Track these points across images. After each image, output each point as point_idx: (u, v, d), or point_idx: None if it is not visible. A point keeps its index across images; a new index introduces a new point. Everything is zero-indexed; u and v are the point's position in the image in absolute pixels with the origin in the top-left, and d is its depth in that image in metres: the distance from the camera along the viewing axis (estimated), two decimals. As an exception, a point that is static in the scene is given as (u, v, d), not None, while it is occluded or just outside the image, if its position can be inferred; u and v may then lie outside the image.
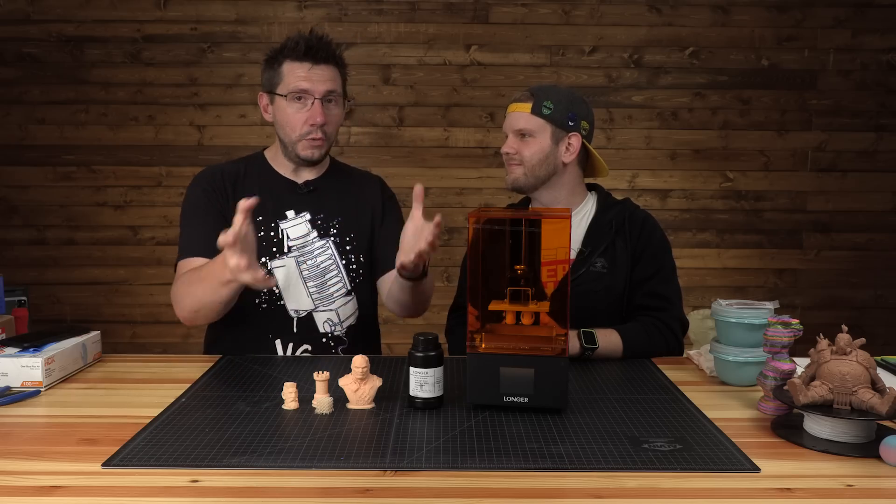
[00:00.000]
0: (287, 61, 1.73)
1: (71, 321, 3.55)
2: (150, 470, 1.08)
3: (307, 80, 1.71)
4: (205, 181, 1.80)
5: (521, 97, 1.84)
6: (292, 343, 1.76)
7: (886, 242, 3.63)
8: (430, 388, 1.32)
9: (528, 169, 1.82)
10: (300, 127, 1.73)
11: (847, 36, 3.51)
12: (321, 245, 1.79)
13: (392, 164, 3.48)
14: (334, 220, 1.82)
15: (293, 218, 1.79)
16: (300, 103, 1.72)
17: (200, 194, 1.78)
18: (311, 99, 1.72)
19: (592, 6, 3.48)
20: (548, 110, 1.80)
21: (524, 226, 1.37)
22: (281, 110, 1.75)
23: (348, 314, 1.82)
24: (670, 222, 3.55)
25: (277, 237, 1.77)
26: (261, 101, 1.81)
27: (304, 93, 1.71)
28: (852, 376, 1.17)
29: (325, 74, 1.73)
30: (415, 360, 1.32)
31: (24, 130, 3.50)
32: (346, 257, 1.81)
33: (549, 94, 1.82)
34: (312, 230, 1.79)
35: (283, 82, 1.73)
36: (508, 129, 1.85)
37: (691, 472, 1.08)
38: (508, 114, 1.86)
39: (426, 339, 1.33)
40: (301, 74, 1.71)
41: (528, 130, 1.81)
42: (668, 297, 1.79)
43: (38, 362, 1.43)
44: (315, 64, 1.72)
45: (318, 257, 1.79)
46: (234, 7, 3.46)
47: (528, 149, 1.82)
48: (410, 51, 3.50)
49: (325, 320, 1.79)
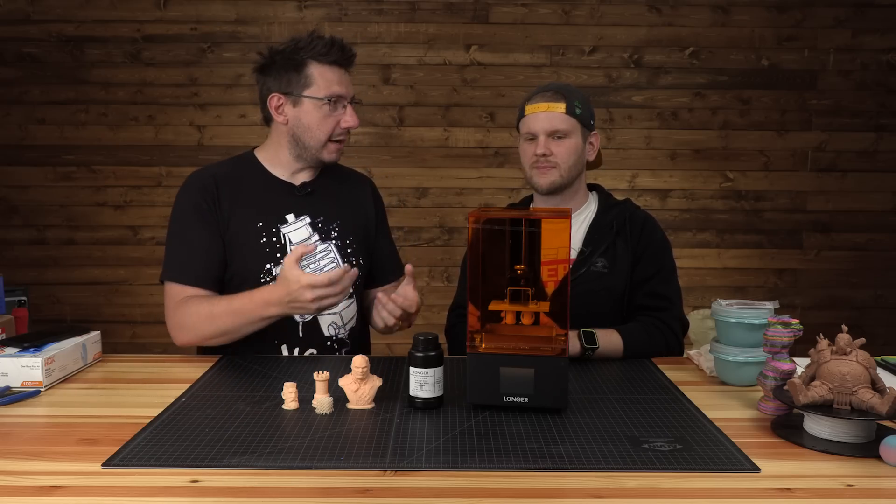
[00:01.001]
0: (314, 63, 1.70)
1: (71, 321, 3.55)
2: (150, 470, 1.08)
3: (341, 85, 1.72)
4: (196, 189, 1.73)
5: (550, 97, 1.79)
6: (298, 347, 1.76)
7: (886, 242, 3.63)
8: (431, 388, 1.32)
9: (565, 170, 1.80)
10: (331, 130, 1.72)
11: (847, 36, 3.51)
12: (324, 248, 1.78)
13: (392, 164, 3.48)
14: (334, 222, 1.81)
15: (293, 222, 1.77)
16: (332, 107, 1.71)
17: (192, 205, 1.72)
18: (344, 102, 1.72)
19: (592, 6, 3.48)
20: (579, 110, 1.79)
21: (524, 226, 1.37)
22: (308, 113, 1.71)
23: (350, 316, 1.81)
24: (670, 222, 3.55)
25: (279, 242, 1.74)
26: (272, 101, 1.74)
27: (339, 97, 1.72)
28: (852, 376, 1.17)
29: (350, 79, 1.76)
30: (415, 361, 1.32)
31: (24, 130, 3.50)
32: (348, 260, 1.80)
33: (574, 94, 1.81)
34: (314, 234, 1.78)
35: (313, 85, 1.70)
36: (538, 129, 1.78)
37: (691, 472, 1.08)
38: (536, 114, 1.79)
39: (426, 339, 1.33)
40: (335, 78, 1.71)
41: (564, 131, 1.78)
42: (669, 297, 1.79)
43: (38, 362, 1.43)
44: (344, 68, 1.74)
45: (321, 261, 1.77)
46: (234, 7, 3.46)
47: (564, 150, 1.79)
48: (410, 51, 3.50)
49: (329, 323, 1.78)
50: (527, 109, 1.82)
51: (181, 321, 1.66)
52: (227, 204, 1.73)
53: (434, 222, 3.54)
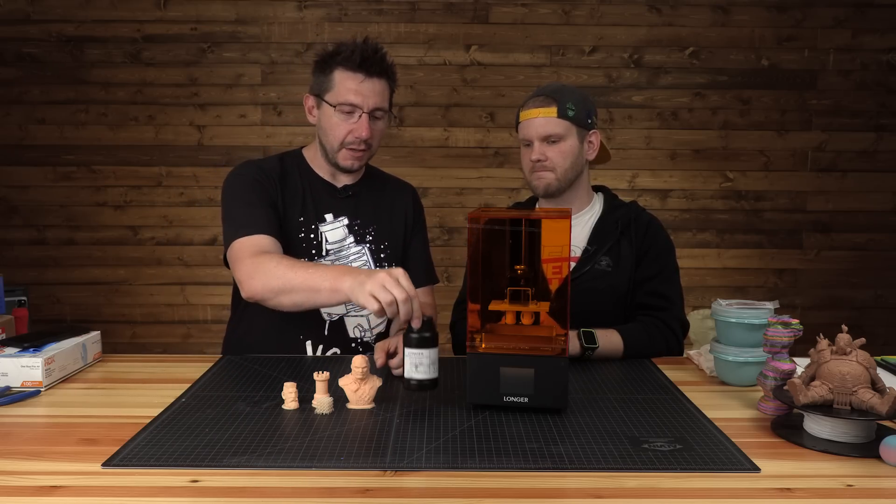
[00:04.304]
0: (339, 69, 1.70)
1: (71, 321, 3.55)
2: (150, 470, 1.08)
3: (357, 94, 1.69)
4: (252, 171, 1.74)
5: (542, 102, 1.80)
6: (322, 345, 1.76)
7: (886, 242, 3.63)
8: (426, 369, 1.30)
9: (561, 174, 1.81)
10: (342, 137, 1.72)
11: (847, 36, 3.51)
12: (357, 251, 1.79)
13: (392, 164, 3.46)
14: (370, 227, 1.82)
15: (331, 221, 1.78)
16: (347, 115, 1.70)
17: (250, 180, 1.72)
18: (360, 112, 1.70)
19: (592, 6, 3.48)
20: (572, 111, 1.79)
21: (524, 226, 1.37)
22: (327, 117, 1.72)
23: (378, 321, 1.81)
24: (670, 222, 3.55)
25: (317, 239, 1.77)
26: (306, 102, 1.78)
27: (353, 106, 1.69)
28: (852, 376, 1.17)
29: (375, 88, 1.70)
30: (409, 341, 1.30)
31: (24, 130, 3.50)
32: (380, 264, 1.81)
33: (567, 95, 1.81)
34: (349, 235, 1.79)
35: (333, 90, 1.70)
36: (532, 135, 1.80)
37: (691, 472, 1.08)
38: (529, 120, 1.81)
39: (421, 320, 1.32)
40: (352, 87, 1.69)
41: (557, 135, 1.79)
42: (670, 297, 1.79)
43: (38, 362, 1.43)
44: (368, 77, 1.69)
45: (353, 262, 1.78)
46: (234, 7, 3.46)
47: (558, 153, 1.80)
48: (410, 51, 3.50)
49: (355, 325, 1.79)
50: (521, 116, 1.84)
51: (258, 267, 1.56)
52: (278, 191, 1.75)
53: (434, 222, 3.54)
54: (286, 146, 3.38)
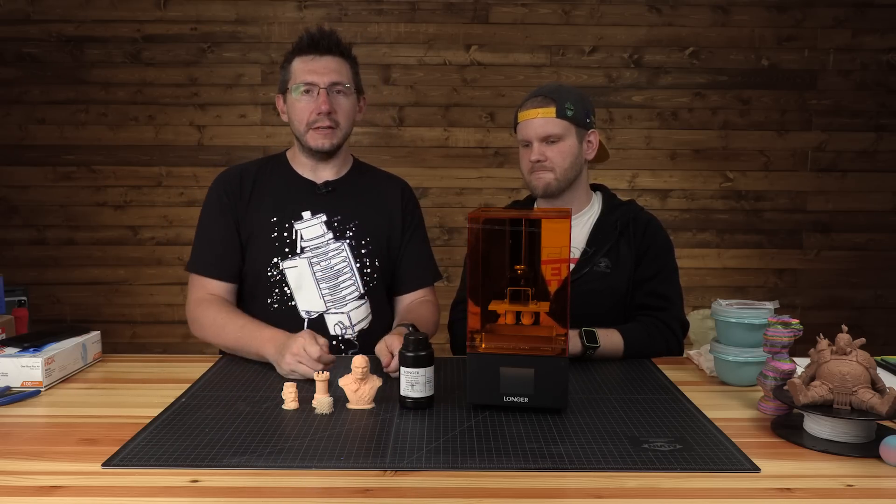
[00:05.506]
0: (295, 59, 1.77)
1: (71, 321, 3.55)
2: (150, 470, 1.08)
3: (312, 73, 1.74)
4: (222, 184, 1.82)
5: (540, 102, 1.80)
6: None
7: (886, 242, 3.63)
8: (421, 387, 1.32)
9: (560, 174, 1.81)
10: (308, 117, 1.74)
11: (847, 36, 3.51)
12: (336, 247, 1.79)
13: (392, 164, 3.46)
14: (351, 222, 1.81)
15: (309, 219, 1.79)
16: (308, 96, 1.74)
17: (216, 200, 1.80)
18: (317, 89, 1.73)
19: (592, 6, 3.48)
20: (570, 111, 1.79)
21: (524, 226, 1.37)
22: (291, 105, 1.77)
23: (360, 318, 1.80)
24: (670, 222, 3.55)
25: (291, 238, 1.77)
26: (278, 103, 1.84)
27: (310, 85, 1.74)
28: (852, 376, 1.17)
29: (329, 65, 1.75)
30: (405, 360, 1.32)
31: (24, 130, 3.50)
32: (361, 261, 1.80)
33: (566, 95, 1.80)
34: (328, 231, 1.79)
35: (292, 79, 1.76)
36: (531, 136, 1.80)
37: (691, 472, 1.08)
38: (528, 121, 1.81)
39: (416, 339, 1.32)
40: (306, 67, 1.74)
41: (556, 135, 1.79)
42: (669, 297, 1.79)
43: (38, 362, 1.43)
44: (319, 55, 1.75)
45: (332, 259, 1.78)
46: (234, 7, 3.46)
47: (558, 153, 1.80)
48: (410, 51, 3.50)
49: (335, 323, 1.78)
50: (519, 117, 1.84)
51: (198, 318, 1.73)
52: (248, 199, 1.79)
53: (434, 222, 3.54)
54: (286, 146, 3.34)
